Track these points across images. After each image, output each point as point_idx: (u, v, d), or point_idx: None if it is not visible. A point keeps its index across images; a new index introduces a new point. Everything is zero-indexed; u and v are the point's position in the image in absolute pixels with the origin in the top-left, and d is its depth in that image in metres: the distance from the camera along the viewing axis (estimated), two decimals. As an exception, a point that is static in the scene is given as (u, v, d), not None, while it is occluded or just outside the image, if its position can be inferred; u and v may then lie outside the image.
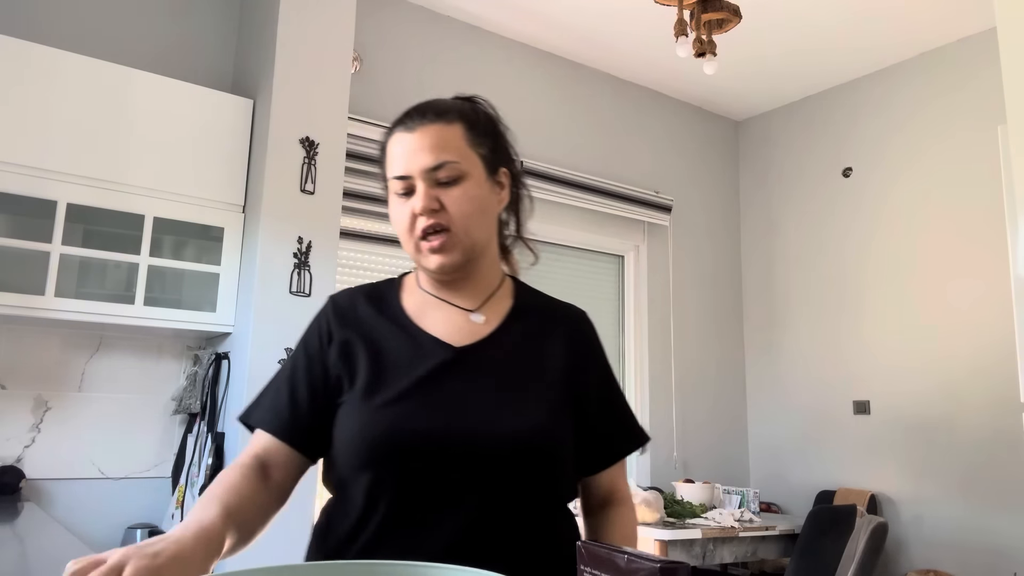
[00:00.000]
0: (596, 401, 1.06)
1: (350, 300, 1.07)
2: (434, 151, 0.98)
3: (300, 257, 2.57)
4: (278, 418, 1.00)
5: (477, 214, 1.00)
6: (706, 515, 3.20)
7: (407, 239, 1.00)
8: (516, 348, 1.03)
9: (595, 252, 4.06)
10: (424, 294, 1.07)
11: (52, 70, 2.38)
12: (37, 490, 2.48)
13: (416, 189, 0.98)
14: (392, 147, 1.02)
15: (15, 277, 2.32)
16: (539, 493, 0.95)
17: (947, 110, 3.68)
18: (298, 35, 2.67)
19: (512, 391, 0.98)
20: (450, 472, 0.91)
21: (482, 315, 1.04)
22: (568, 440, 1.00)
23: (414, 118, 1.01)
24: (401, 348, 1.00)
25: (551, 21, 3.67)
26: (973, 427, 3.40)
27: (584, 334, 1.10)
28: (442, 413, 0.93)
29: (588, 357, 1.08)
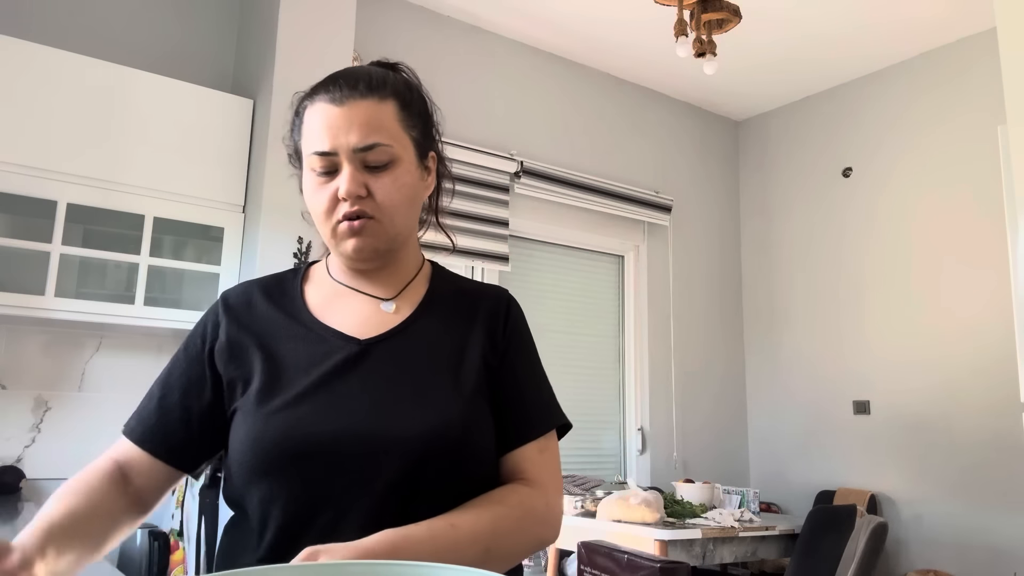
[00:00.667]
0: (508, 383, 0.97)
1: (243, 296, 0.99)
2: (365, 130, 0.89)
3: (300, 257, 2.57)
4: (141, 424, 0.93)
5: (406, 203, 0.93)
6: (706, 515, 3.20)
7: (323, 221, 0.91)
8: (427, 337, 0.95)
9: (595, 252, 4.06)
10: (333, 284, 0.99)
11: (52, 70, 2.38)
12: (37, 490, 2.48)
13: (341, 169, 0.89)
14: (312, 117, 0.91)
15: (15, 277, 2.32)
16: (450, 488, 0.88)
17: (947, 110, 3.68)
18: (298, 35, 2.67)
19: (420, 384, 0.90)
20: (350, 479, 0.84)
21: (393, 304, 0.97)
22: (485, 430, 0.92)
23: (343, 88, 0.90)
24: (300, 346, 0.93)
25: (551, 21, 3.67)
26: (973, 427, 3.40)
27: (502, 315, 1.00)
28: (341, 414, 0.86)
29: (505, 337, 0.99)
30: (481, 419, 0.92)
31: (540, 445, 0.96)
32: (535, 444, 0.96)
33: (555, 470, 0.97)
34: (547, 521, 0.92)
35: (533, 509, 0.91)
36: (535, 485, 0.93)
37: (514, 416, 0.96)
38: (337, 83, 0.91)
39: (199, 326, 0.98)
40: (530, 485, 0.93)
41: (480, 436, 0.91)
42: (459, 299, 1.01)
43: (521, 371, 0.99)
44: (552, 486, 0.95)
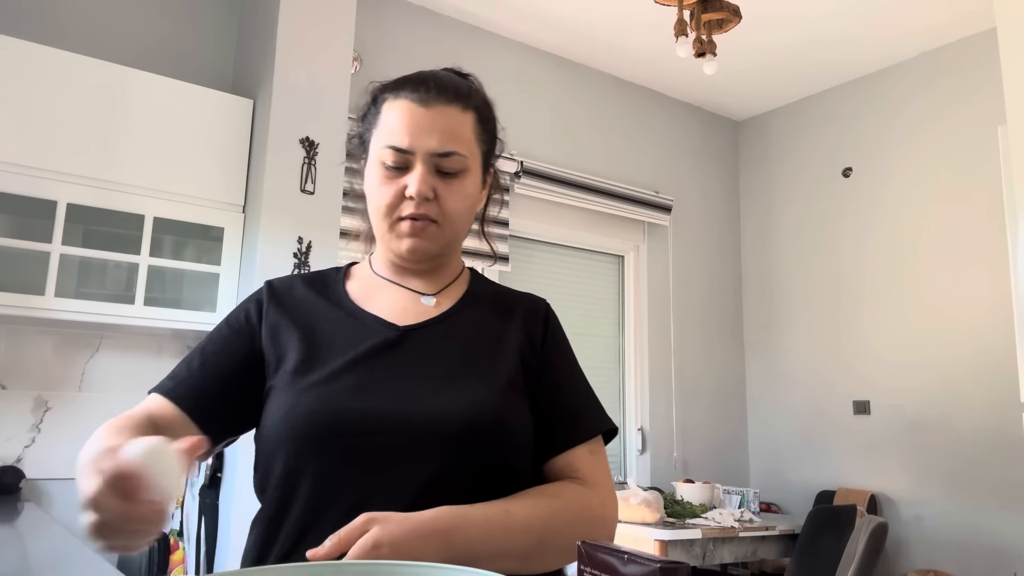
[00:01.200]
0: (553, 386, 0.97)
1: (287, 283, 1.01)
2: (445, 136, 0.91)
3: (300, 257, 2.57)
4: (179, 385, 0.92)
5: (466, 212, 0.96)
6: (706, 515, 3.20)
7: (384, 214, 0.93)
8: (466, 330, 0.96)
9: (595, 252, 4.06)
10: (375, 278, 1.01)
11: (52, 70, 2.38)
12: (37, 490, 2.48)
13: (413, 168, 0.91)
14: (393, 113, 0.92)
15: (15, 277, 2.32)
16: (483, 474, 0.86)
17: (947, 110, 3.68)
18: (298, 35, 2.67)
19: (457, 372, 0.91)
20: (378, 459, 0.83)
21: (434, 299, 0.99)
22: (520, 421, 0.91)
23: (431, 91, 0.92)
24: (338, 328, 0.94)
25: (551, 21, 3.67)
26: (973, 427, 3.40)
27: (542, 320, 1.02)
28: (374, 394, 0.86)
29: (544, 342, 1.00)
30: (516, 411, 0.91)
31: (591, 447, 0.96)
32: (586, 446, 0.95)
33: (607, 472, 0.97)
34: (604, 521, 0.91)
35: (590, 507, 0.90)
36: (589, 485, 0.93)
37: (563, 418, 0.96)
38: (427, 84, 0.93)
39: (244, 305, 0.99)
40: (584, 484, 0.92)
41: (514, 427, 0.90)
42: (497, 300, 1.03)
43: (567, 375, 1.00)
44: (607, 488, 0.94)
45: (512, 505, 0.84)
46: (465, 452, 0.85)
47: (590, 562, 0.63)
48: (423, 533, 0.75)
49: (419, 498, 0.82)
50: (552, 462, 0.94)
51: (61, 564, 1.42)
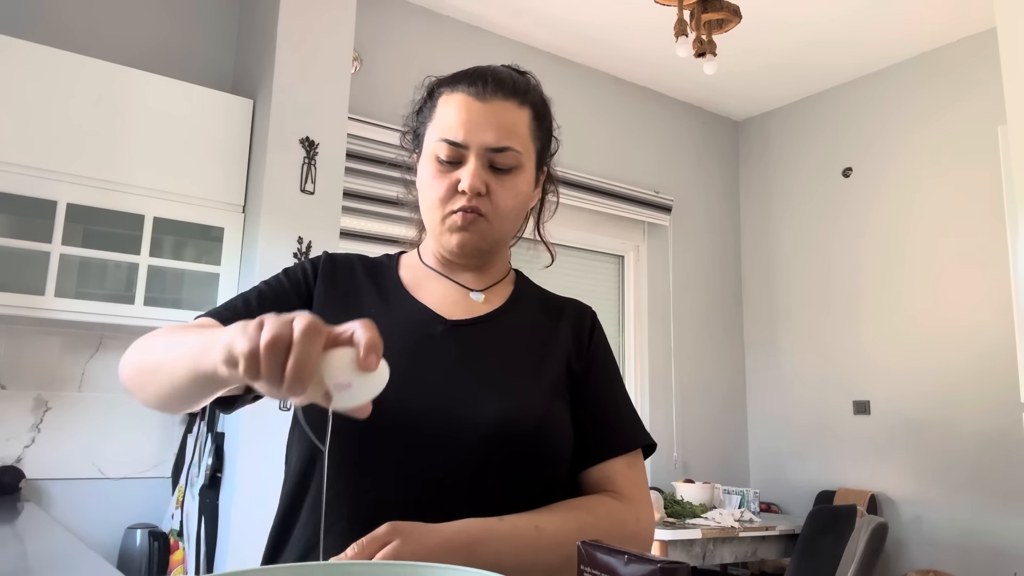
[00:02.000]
0: (595, 395, 0.96)
1: (345, 259, 1.01)
2: (501, 131, 0.90)
3: (300, 257, 2.57)
4: (232, 314, 0.88)
5: (517, 210, 0.95)
6: (706, 515, 3.20)
7: (436, 208, 0.92)
8: (514, 330, 0.95)
9: (595, 252, 4.06)
10: (425, 268, 1.00)
11: (52, 70, 2.38)
12: (37, 490, 2.48)
13: (467, 162, 0.90)
14: (449, 106, 0.92)
15: (15, 277, 2.32)
16: (521, 479, 0.85)
17: (947, 110, 3.68)
18: (298, 35, 2.67)
19: (500, 371, 0.89)
20: (416, 453, 0.82)
21: (482, 295, 0.98)
22: (561, 426, 0.90)
23: (489, 85, 0.91)
24: (389, 315, 0.92)
25: (551, 21, 3.67)
26: (973, 427, 3.40)
27: (589, 327, 1.01)
28: (416, 387, 0.85)
29: (591, 350, 0.98)
30: (558, 414, 0.90)
31: (629, 460, 0.94)
32: (625, 458, 0.93)
33: (645, 486, 0.95)
34: (638, 537, 0.89)
35: (623, 523, 0.88)
36: (625, 499, 0.91)
37: (604, 427, 0.94)
38: (484, 78, 0.92)
39: (302, 264, 0.98)
40: (619, 499, 0.90)
41: (555, 430, 0.88)
42: (544, 303, 1.02)
43: (610, 385, 0.99)
44: (643, 502, 0.92)
45: (542, 519, 0.82)
46: (502, 455, 0.83)
47: (590, 562, 0.63)
48: (448, 548, 0.74)
49: (449, 498, 0.81)
50: (589, 472, 0.92)
51: (61, 564, 1.42)
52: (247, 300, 0.92)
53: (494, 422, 0.83)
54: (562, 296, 1.07)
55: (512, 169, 0.92)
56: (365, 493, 0.82)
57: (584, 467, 0.93)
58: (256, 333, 0.58)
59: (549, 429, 0.87)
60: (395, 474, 0.82)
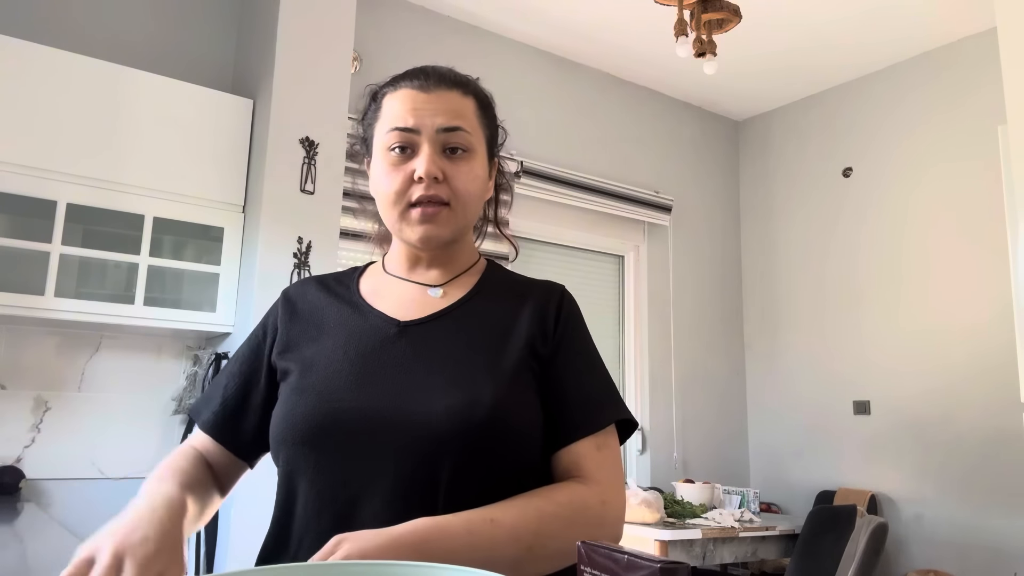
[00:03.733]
0: (561, 375, 0.92)
1: (301, 289, 1.03)
2: (450, 114, 0.92)
3: (300, 257, 2.57)
4: (213, 416, 0.97)
5: (477, 195, 0.95)
6: (706, 515, 3.20)
7: (394, 202, 0.92)
8: (469, 321, 0.93)
9: (595, 252, 4.06)
10: (385, 275, 1.01)
11: (52, 70, 2.38)
12: (37, 490, 2.48)
13: (420, 150, 0.90)
14: (394, 101, 0.94)
15: (15, 277, 2.32)
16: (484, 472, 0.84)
17: (947, 110, 3.68)
18: (298, 35, 2.67)
19: (454, 366, 0.88)
20: (372, 458, 0.82)
21: (440, 290, 0.97)
22: (522, 420, 0.87)
23: (431, 79, 0.94)
24: (343, 326, 0.94)
25: (551, 21, 3.67)
26: (973, 427, 3.40)
27: (556, 307, 0.97)
28: (368, 392, 0.85)
29: (558, 330, 0.95)
30: (518, 403, 0.87)
31: (598, 441, 0.90)
32: (592, 440, 0.90)
33: (615, 467, 0.91)
34: (603, 521, 0.86)
35: (586, 508, 0.85)
36: (591, 483, 0.88)
37: (570, 409, 0.91)
38: (425, 73, 0.95)
39: (262, 321, 1.02)
40: (585, 483, 0.88)
41: (516, 420, 0.86)
42: (509, 288, 1.00)
43: (577, 363, 0.95)
44: (611, 484, 0.89)
45: (498, 512, 0.80)
46: (460, 452, 0.83)
47: (590, 563, 0.63)
48: (396, 547, 0.73)
49: (415, 498, 0.81)
50: (557, 457, 0.90)
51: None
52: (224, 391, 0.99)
53: (446, 417, 0.83)
54: (533, 279, 1.04)
55: (466, 152, 0.93)
56: (330, 496, 0.84)
57: (552, 451, 0.91)
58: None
59: (504, 424, 0.85)
60: (355, 477, 0.83)
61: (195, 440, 0.98)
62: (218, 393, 0.98)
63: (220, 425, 0.96)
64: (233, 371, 0.99)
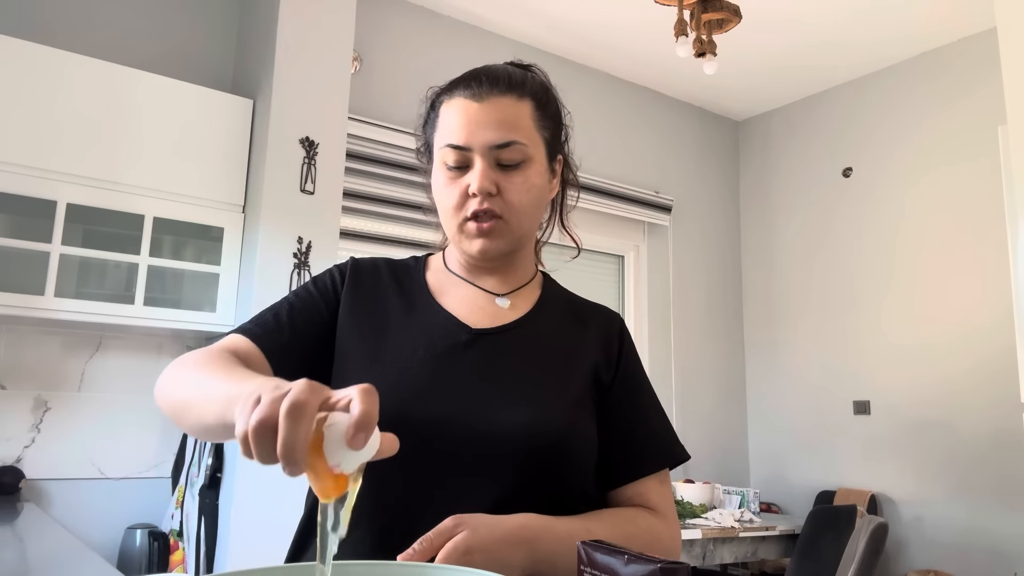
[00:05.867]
0: (625, 408, 0.95)
1: (371, 265, 1.01)
2: (503, 128, 0.89)
3: (300, 257, 2.57)
4: (261, 328, 0.91)
5: (533, 205, 0.93)
6: (706, 515, 3.20)
7: (451, 216, 0.91)
8: (540, 337, 0.94)
9: (595, 252, 4.06)
10: (449, 274, 0.99)
11: (52, 70, 2.38)
12: (37, 490, 2.48)
13: (474, 165, 0.89)
14: (449, 112, 0.91)
15: (15, 277, 2.32)
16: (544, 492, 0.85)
17: (947, 110, 3.68)
18: (298, 35, 2.67)
19: (525, 381, 0.89)
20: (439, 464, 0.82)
21: (508, 300, 0.97)
22: (586, 439, 0.89)
23: (483, 85, 0.91)
24: (413, 322, 0.93)
25: (551, 21, 3.66)
26: (973, 427, 3.40)
27: (617, 336, 1.00)
28: (440, 398, 0.85)
29: (620, 361, 0.97)
30: (581, 426, 0.89)
31: (660, 477, 0.96)
32: (657, 475, 0.95)
33: (673, 503, 0.98)
34: (670, 553, 0.91)
35: (661, 538, 0.90)
36: (660, 516, 0.93)
37: (637, 446, 0.95)
38: (478, 79, 0.92)
39: (329, 272, 0.99)
40: (655, 515, 0.92)
41: (578, 442, 0.88)
42: (572, 308, 1.02)
43: (644, 398, 0.98)
44: (674, 519, 0.95)
45: (593, 524, 0.83)
46: (524, 466, 0.84)
47: (590, 562, 0.63)
48: (512, 541, 0.75)
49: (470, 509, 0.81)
50: (622, 489, 0.94)
51: (61, 564, 1.42)
52: (277, 315, 0.93)
53: (515, 433, 0.84)
54: (590, 301, 1.06)
55: (520, 164, 0.90)
56: (386, 500, 0.82)
57: (617, 485, 0.94)
58: (247, 415, 0.56)
59: (571, 441, 0.87)
60: (415, 483, 0.83)
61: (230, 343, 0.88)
62: (279, 318, 0.92)
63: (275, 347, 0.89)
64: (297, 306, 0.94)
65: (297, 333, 0.92)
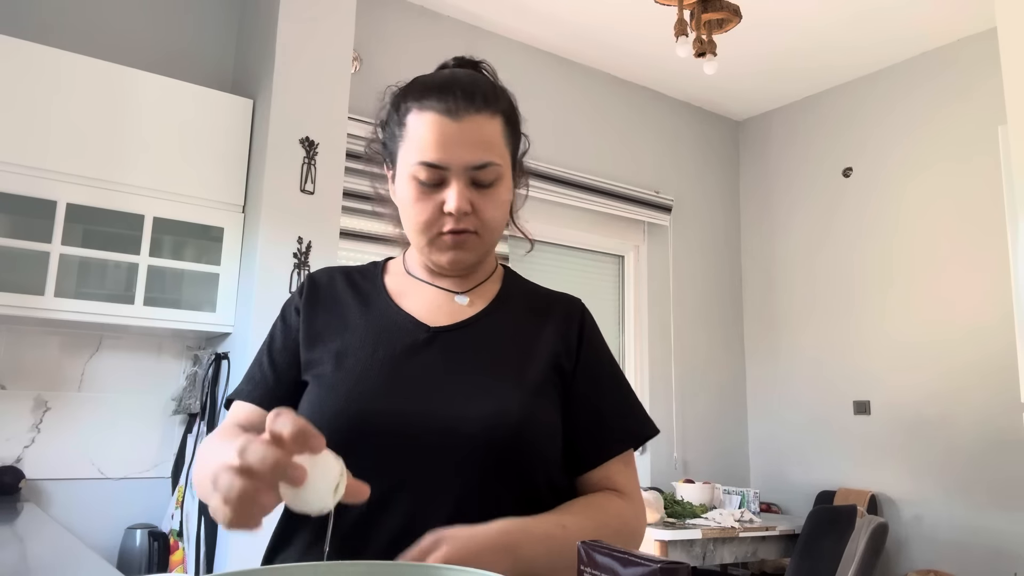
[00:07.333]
0: (588, 393, 0.95)
1: (328, 277, 1.01)
2: (479, 148, 0.88)
3: (300, 257, 2.57)
4: (257, 388, 0.93)
5: (502, 218, 0.94)
6: (706, 515, 3.20)
7: (422, 230, 0.90)
8: (496, 331, 0.95)
9: (595, 252, 4.06)
10: (408, 276, 1.00)
11: (52, 70, 2.38)
12: (37, 490, 2.48)
13: (449, 184, 0.88)
14: (421, 125, 0.88)
15: (15, 277, 2.32)
16: (509, 484, 0.85)
17: (947, 110, 3.68)
18: (298, 35, 2.67)
19: (483, 375, 0.89)
20: (402, 460, 0.83)
21: (467, 297, 0.98)
22: (548, 429, 0.90)
23: (459, 101, 0.87)
24: (372, 325, 0.94)
25: (551, 21, 3.66)
26: (973, 427, 3.40)
27: (577, 322, 1.00)
28: (400, 395, 0.86)
29: (581, 345, 0.98)
30: (542, 417, 0.90)
31: (625, 458, 0.96)
32: (621, 457, 0.95)
33: (638, 481, 0.98)
34: (637, 533, 0.94)
35: (628, 521, 0.92)
36: (626, 498, 0.94)
37: (600, 429, 0.95)
38: (453, 93, 0.88)
39: (291, 299, 1.01)
40: (622, 497, 0.93)
41: (539, 432, 0.88)
42: (531, 299, 1.02)
43: (607, 382, 0.98)
44: (640, 498, 0.97)
45: (566, 519, 0.84)
46: (485, 461, 0.84)
47: (590, 563, 0.63)
48: (495, 548, 0.75)
49: (436, 501, 0.83)
50: (589, 474, 0.95)
51: (61, 564, 1.42)
52: (261, 365, 0.96)
53: (476, 427, 0.84)
54: (551, 290, 1.06)
55: (494, 182, 0.90)
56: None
57: (585, 471, 0.95)
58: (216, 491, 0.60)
59: (531, 432, 0.87)
60: (384, 479, 0.82)
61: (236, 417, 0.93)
62: (263, 368, 0.96)
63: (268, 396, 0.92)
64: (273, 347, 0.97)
65: (282, 375, 0.94)
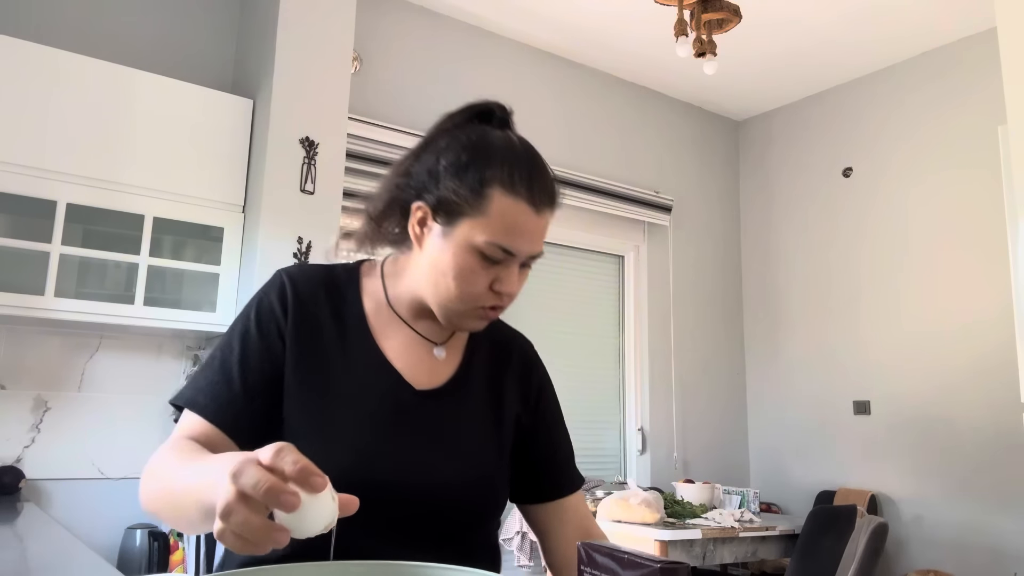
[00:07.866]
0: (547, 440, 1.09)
1: (310, 292, 0.97)
2: (542, 240, 0.94)
3: (300, 257, 2.57)
4: (223, 407, 0.89)
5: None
6: (706, 515, 3.20)
7: (466, 300, 0.91)
8: (473, 395, 1.02)
9: (595, 252, 4.06)
10: (390, 312, 1.00)
11: (52, 70, 2.38)
12: (37, 490, 2.48)
13: (508, 267, 0.92)
14: (508, 212, 0.88)
15: (15, 277, 2.32)
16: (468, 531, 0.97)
17: (947, 110, 3.68)
18: (298, 35, 2.67)
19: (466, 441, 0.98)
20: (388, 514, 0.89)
21: (444, 351, 1.02)
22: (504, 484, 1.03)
23: (544, 199, 0.92)
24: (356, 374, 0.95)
25: (552, 21, 3.66)
26: (973, 427, 3.40)
27: (533, 370, 1.11)
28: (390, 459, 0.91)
29: (539, 400, 1.10)
30: (503, 474, 1.02)
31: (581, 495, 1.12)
32: (580, 492, 1.11)
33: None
34: None
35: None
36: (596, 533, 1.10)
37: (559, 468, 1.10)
38: (544, 189, 0.92)
39: (270, 306, 0.95)
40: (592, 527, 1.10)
41: (502, 489, 1.02)
42: (495, 347, 1.09)
43: (560, 428, 1.12)
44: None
45: None
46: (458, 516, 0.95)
47: (590, 563, 0.63)
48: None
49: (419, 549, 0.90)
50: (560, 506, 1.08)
51: (61, 564, 1.42)
52: (230, 382, 0.90)
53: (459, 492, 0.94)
54: (505, 329, 1.13)
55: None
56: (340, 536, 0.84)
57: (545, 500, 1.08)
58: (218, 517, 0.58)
59: (499, 490, 1.00)
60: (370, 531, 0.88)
61: (191, 431, 0.88)
62: (231, 385, 0.90)
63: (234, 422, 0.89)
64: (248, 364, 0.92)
65: (255, 397, 0.91)
